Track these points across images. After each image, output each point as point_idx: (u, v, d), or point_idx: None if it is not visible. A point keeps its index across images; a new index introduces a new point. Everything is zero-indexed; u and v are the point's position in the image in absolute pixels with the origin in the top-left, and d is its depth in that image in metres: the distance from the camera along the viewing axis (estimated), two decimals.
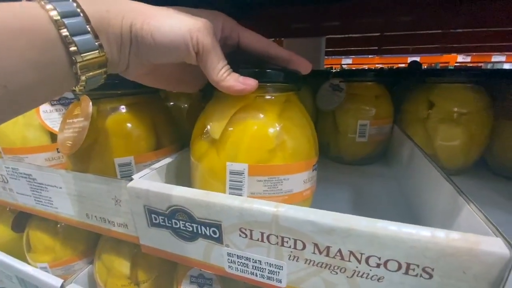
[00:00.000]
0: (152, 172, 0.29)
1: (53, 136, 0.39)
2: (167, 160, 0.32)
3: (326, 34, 0.98)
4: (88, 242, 0.46)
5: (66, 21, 0.16)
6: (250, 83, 0.23)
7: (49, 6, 0.16)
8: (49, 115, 0.38)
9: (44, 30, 0.16)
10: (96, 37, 0.18)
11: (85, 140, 0.30)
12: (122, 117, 0.31)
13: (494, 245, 0.16)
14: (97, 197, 0.31)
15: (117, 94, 0.32)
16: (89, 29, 0.17)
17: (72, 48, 0.17)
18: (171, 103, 0.46)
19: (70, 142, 0.30)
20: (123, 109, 0.32)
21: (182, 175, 0.35)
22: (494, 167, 0.44)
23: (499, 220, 0.32)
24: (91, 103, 0.29)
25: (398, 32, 0.94)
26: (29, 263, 0.45)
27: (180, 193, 0.25)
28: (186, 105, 0.47)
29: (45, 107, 0.38)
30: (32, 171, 0.35)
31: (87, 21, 0.17)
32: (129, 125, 0.31)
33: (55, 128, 0.38)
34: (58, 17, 0.16)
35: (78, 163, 0.33)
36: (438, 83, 0.42)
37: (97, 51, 0.18)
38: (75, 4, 0.17)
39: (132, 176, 0.28)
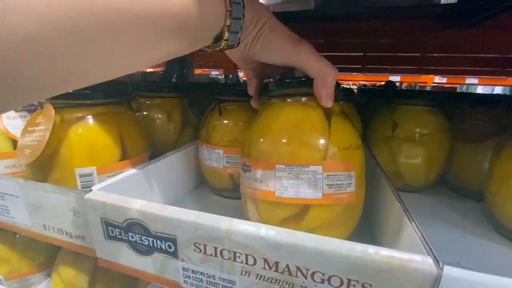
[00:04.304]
0: (112, 183, 0.29)
1: (16, 143, 0.38)
2: (131, 171, 0.32)
3: None
4: (48, 254, 0.44)
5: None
6: None
7: None
8: (12, 121, 0.37)
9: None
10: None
11: (46, 149, 0.29)
12: (85, 127, 0.31)
13: (423, 263, 0.17)
14: (55, 208, 0.30)
15: (84, 104, 0.32)
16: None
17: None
18: (144, 113, 0.46)
19: (28, 151, 0.29)
20: (87, 118, 0.31)
21: (147, 186, 0.34)
22: (453, 186, 0.47)
23: (450, 237, 0.34)
24: (53, 111, 0.29)
25: (380, 53, 0.99)
26: None
27: (136, 206, 0.25)
28: (159, 115, 0.47)
29: (8, 113, 0.37)
30: None
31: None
32: (92, 135, 0.31)
33: (18, 135, 0.37)
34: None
35: (38, 172, 0.32)
36: (401, 105, 0.45)
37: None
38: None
39: (92, 187, 0.27)
